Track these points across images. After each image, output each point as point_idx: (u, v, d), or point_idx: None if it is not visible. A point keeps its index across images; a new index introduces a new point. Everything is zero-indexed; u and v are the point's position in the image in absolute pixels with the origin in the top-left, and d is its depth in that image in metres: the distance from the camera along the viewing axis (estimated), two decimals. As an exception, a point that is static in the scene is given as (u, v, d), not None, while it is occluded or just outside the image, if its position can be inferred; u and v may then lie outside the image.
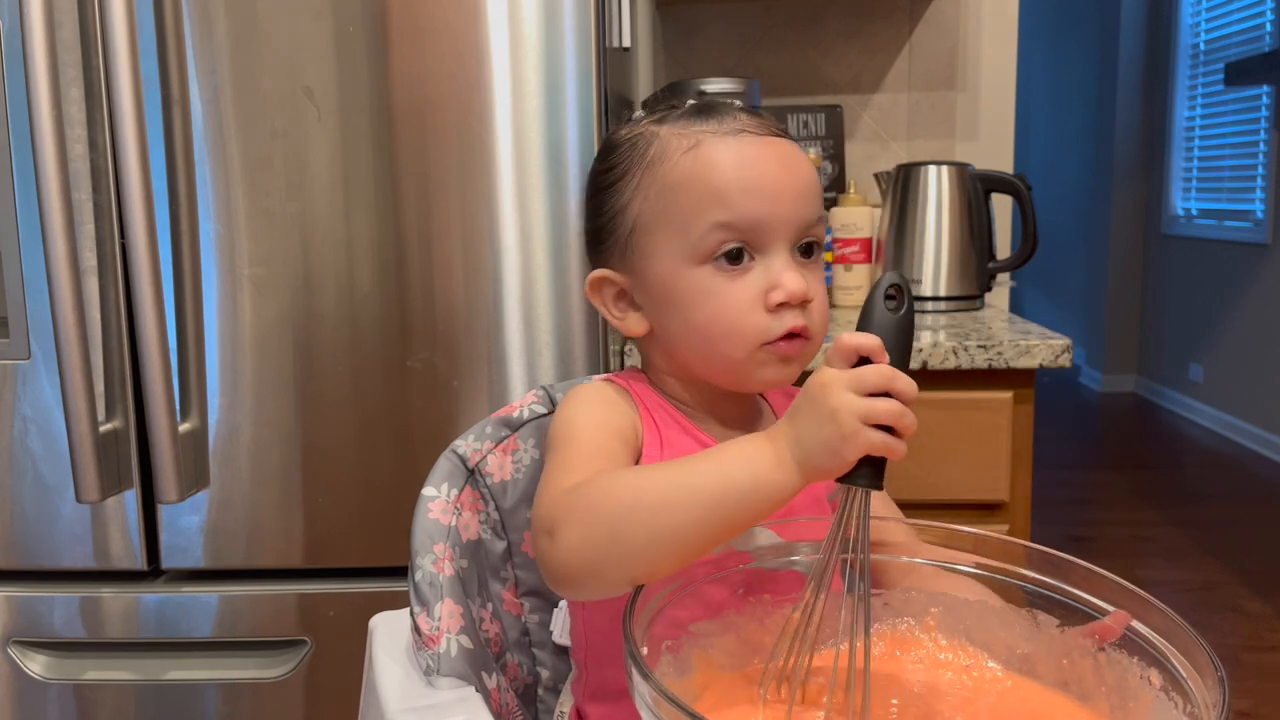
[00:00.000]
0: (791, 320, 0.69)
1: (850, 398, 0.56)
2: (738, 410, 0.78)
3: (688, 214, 0.69)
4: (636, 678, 0.51)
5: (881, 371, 0.56)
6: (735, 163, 0.69)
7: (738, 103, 0.85)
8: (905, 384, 0.56)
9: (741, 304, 0.69)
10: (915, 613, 0.67)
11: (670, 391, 0.78)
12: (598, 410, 0.74)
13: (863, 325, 0.59)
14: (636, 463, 0.73)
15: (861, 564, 0.58)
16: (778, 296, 0.68)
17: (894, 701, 0.60)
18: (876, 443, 0.55)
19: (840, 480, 0.58)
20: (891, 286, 0.60)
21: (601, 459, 0.68)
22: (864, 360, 0.58)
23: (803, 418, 0.58)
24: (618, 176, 0.74)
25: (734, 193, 0.68)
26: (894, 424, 0.56)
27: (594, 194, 0.77)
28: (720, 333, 0.70)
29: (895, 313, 0.59)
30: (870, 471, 0.57)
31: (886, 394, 0.56)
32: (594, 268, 0.77)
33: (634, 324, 0.75)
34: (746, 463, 0.58)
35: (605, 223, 0.75)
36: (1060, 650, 0.62)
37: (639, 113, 0.80)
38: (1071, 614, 0.62)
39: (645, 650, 0.55)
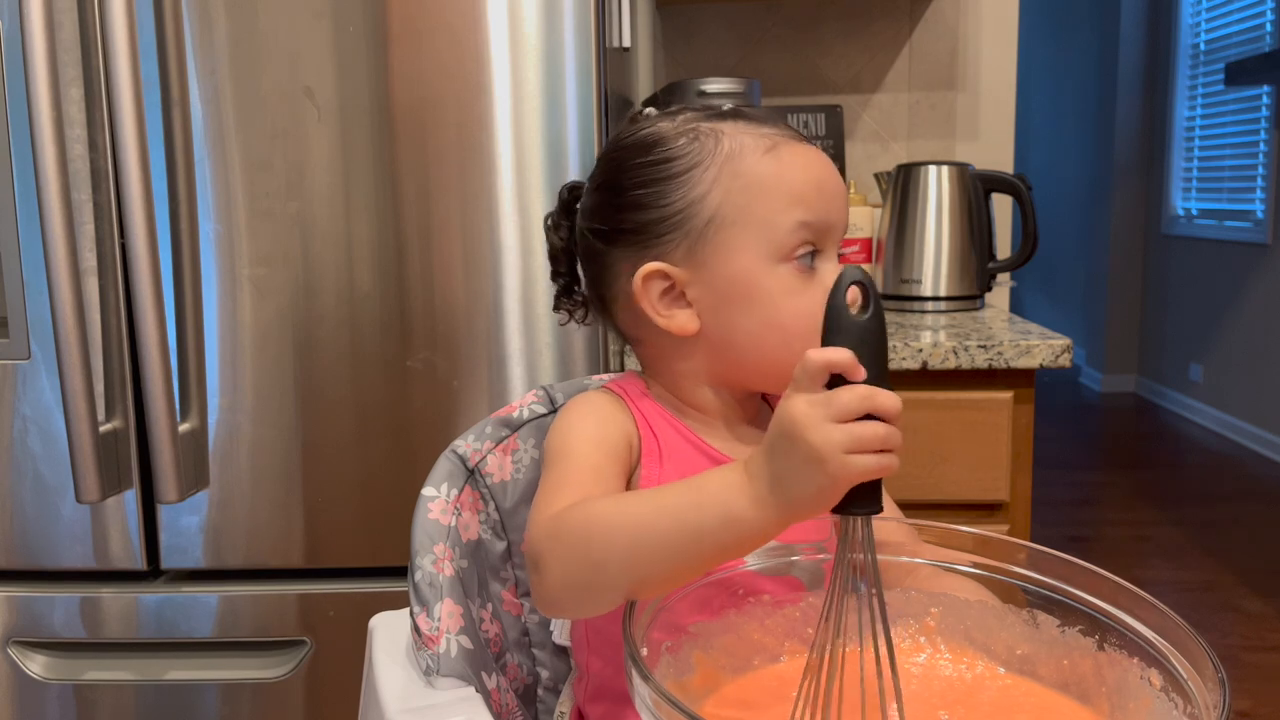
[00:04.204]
0: None
1: (829, 430, 0.51)
2: (750, 413, 0.78)
3: (773, 212, 0.70)
4: (636, 679, 0.51)
5: (858, 392, 0.52)
6: (812, 167, 0.72)
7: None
8: (886, 400, 0.52)
9: (817, 304, 0.66)
10: (915, 613, 0.67)
11: (683, 397, 0.76)
12: (590, 425, 0.73)
13: (829, 336, 0.54)
14: (631, 475, 0.73)
15: (878, 597, 0.54)
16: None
17: (894, 706, 0.60)
18: (870, 468, 0.52)
19: (835, 511, 0.54)
20: (853, 285, 0.54)
21: (590, 481, 0.68)
22: (836, 378, 0.53)
23: (780, 457, 0.53)
24: (686, 167, 0.71)
25: (813, 195, 0.70)
26: (881, 448, 0.52)
27: (645, 184, 0.72)
28: (800, 331, 0.68)
29: (862, 316, 0.53)
30: (866, 496, 0.53)
31: (868, 415, 0.52)
32: (624, 261, 0.73)
33: (683, 321, 0.72)
34: (722, 505, 0.55)
35: (671, 214, 0.71)
36: (1060, 651, 0.62)
37: (649, 110, 0.77)
38: (1071, 614, 0.62)
39: (645, 651, 0.55)
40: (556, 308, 0.83)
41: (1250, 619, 2.73)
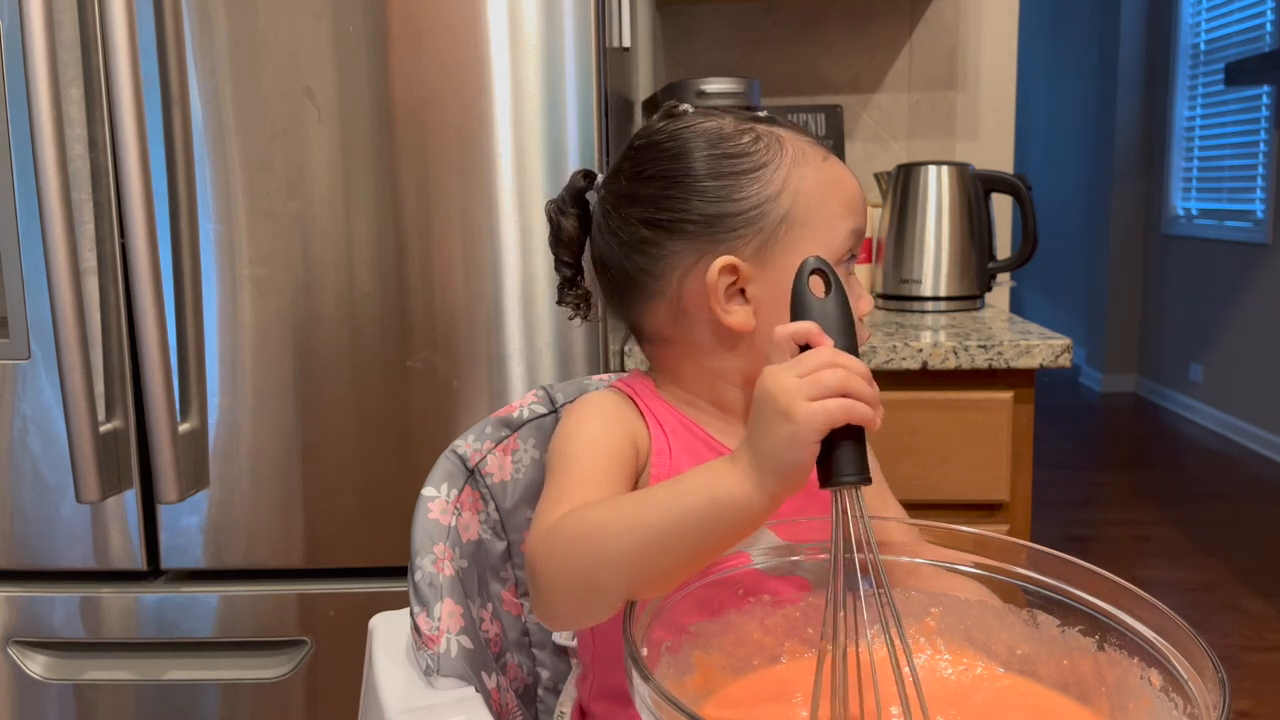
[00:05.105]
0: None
1: (793, 381, 0.54)
2: None
3: (833, 217, 0.73)
4: (636, 679, 0.51)
5: (822, 352, 0.56)
6: (854, 179, 0.77)
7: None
8: (847, 359, 0.55)
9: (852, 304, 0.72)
10: (915, 613, 0.67)
11: (708, 397, 0.76)
12: (594, 428, 0.73)
13: (796, 316, 0.59)
14: (638, 476, 0.73)
15: (874, 568, 0.55)
16: (865, 307, 0.75)
17: (894, 709, 0.60)
18: (833, 411, 0.54)
19: (823, 486, 0.55)
20: (814, 273, 0.59)
21: (590, 487, 0.68)
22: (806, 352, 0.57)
23: (756, 424, 0.56)
24: (758, 164, 0.72)
25: (858, 205, 0.75)
26: (845, 392, 0.54)
27: (718, 176, 0.72)
28: None
29: (824, 297, 0.58)
30: (851, 463, 0.54)
31: None
32: (686, 254, 0.72)
33: (743, 318, 0.72)
34: (706, 488, 0.57)
35: (745, 209, 0.72)
36: (1060, 650, 0.62)
37: (685, 106, 0.77)
38: (1071, 614, 0.62)
39: (645, 651, 0.55)
40: (561, 301, 0.81)
41: (1250, 619, 2.73)
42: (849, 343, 0.58)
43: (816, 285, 0.59)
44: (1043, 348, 1.33)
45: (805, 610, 0.66)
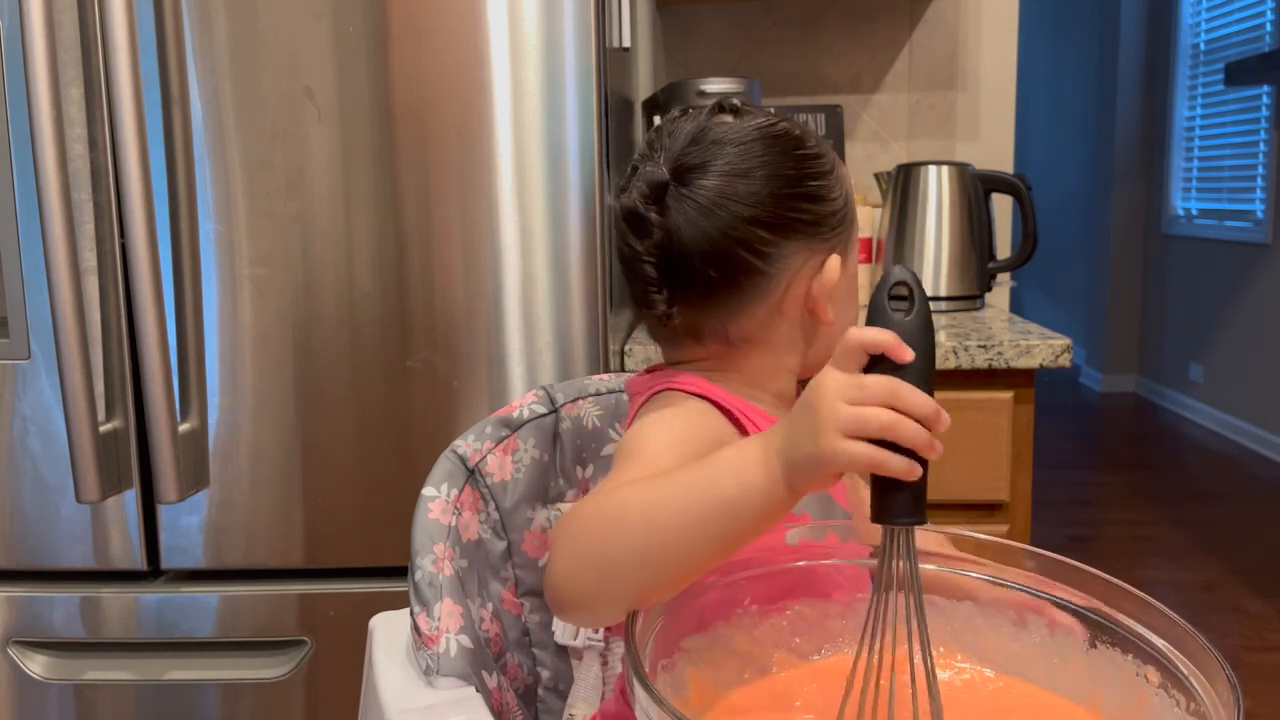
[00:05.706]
0: None
1: (838, 407, 0.51)
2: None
3: (855, 217, 0.78)
4: (642, 695, 0.49)
5: (882, 382, 0.51)
6: None
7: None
8: (912, 396, 0.51)
9: None
10: (905, 616, 0.66)
11: (774, 391, 0.76)
12: (675, 429, 0.69)
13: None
14: None
15: (917, 610, 0.52)
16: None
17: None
18: (856, 456, 0.50)
19: (873, 519, 0.53)
20: (897, 284, 0.53)
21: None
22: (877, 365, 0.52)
23: (794, 423, 0.54)
24: (831, 165, 0.75)
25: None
26: (887, 436, 0.50)
27: (817, 176, 0.73)
28: None
29: (906, 316, 0.52)
30: (901, 503, 0.51)
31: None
32: (800, 253, 0.72)
33: (832, 315, 0.75)
34: (735, 471, 0.55)
35: (840, 208, 0.74)
36: (1051, 650, 0.62)
37: (734, 100, 0.78)
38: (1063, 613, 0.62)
39: (646, 669, 0.54)
40: (653, 307, 0.73)
41: (1250, 619, 2.73)
42: (923, 371, 0.52)
43: (897, 301, 0.54)
44: (1043, 348, 1.33)
45: (792, 619, 0.65)
